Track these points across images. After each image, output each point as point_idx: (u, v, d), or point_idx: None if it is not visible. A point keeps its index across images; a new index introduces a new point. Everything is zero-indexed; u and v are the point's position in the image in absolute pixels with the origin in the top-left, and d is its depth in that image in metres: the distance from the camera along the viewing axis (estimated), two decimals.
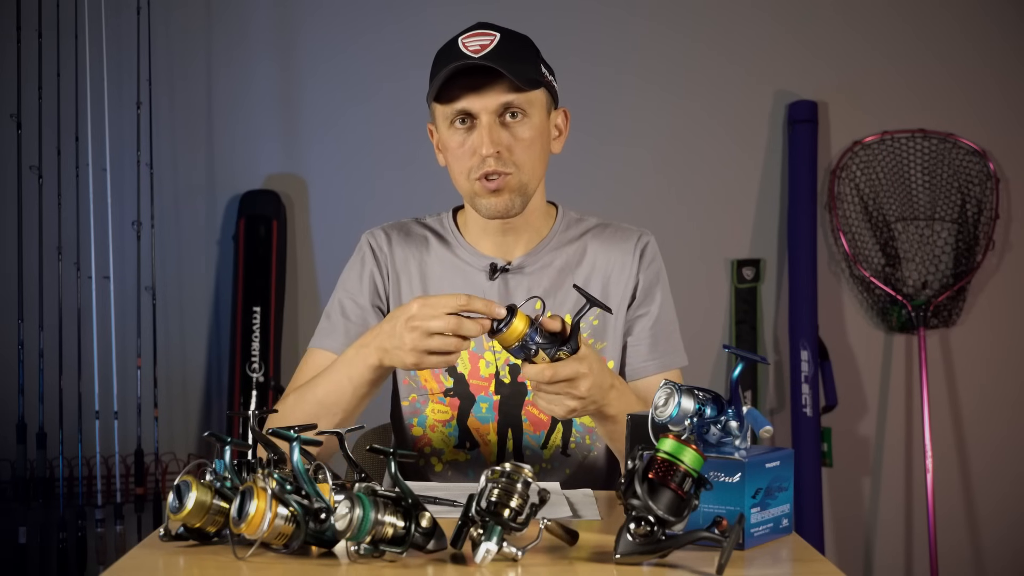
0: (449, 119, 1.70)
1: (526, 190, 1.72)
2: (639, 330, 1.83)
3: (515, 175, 1.70)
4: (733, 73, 3.56)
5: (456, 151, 1.71)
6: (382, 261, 1.83)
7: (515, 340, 1.45)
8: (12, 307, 3.06)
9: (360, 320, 1.80)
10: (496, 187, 1.69)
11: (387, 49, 3.49)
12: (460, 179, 1.73)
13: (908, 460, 3.54)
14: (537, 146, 1.72)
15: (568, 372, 1.48)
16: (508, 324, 1.44)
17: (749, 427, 1.28)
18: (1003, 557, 3.53)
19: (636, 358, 1.83)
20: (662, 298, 1.84)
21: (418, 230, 1.86)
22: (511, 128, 1.69)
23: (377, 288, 1.83)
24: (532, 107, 1.70)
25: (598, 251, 1.83)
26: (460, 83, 1.67)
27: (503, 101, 1.67)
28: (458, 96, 1.67)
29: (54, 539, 3.08)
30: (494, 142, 1.67)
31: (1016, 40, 3.57)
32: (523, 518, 1.18)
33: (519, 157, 1.69)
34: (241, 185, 3.46)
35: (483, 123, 1.67)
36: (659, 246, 1.86)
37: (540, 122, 1.72)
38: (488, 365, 1.78)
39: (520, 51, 1.70)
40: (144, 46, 3.19)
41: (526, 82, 1.67)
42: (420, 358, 1.49)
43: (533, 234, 1.81)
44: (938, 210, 3.52)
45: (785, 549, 1.30)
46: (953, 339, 3.54)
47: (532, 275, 1.80)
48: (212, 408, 3.45)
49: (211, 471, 1.28)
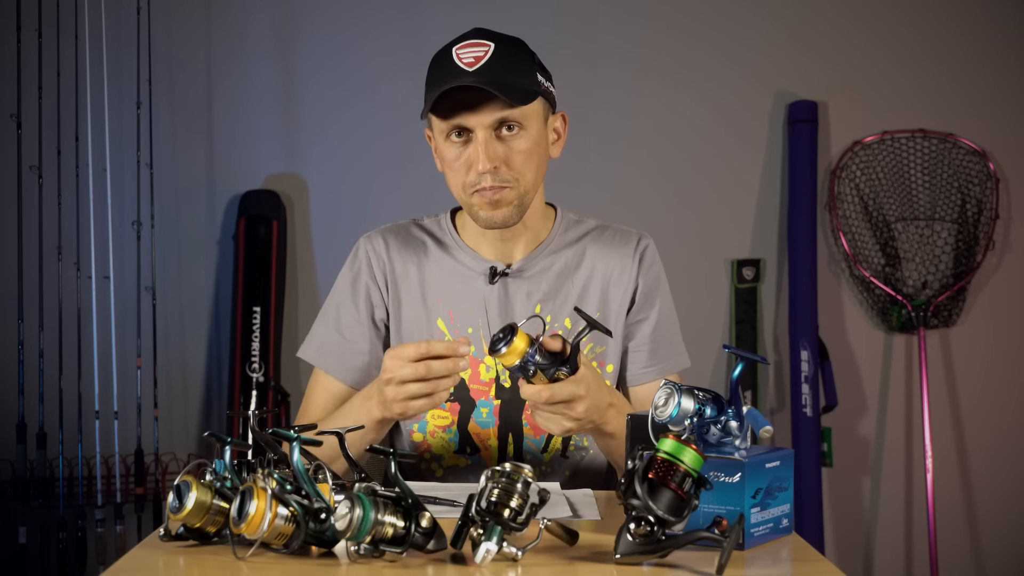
0: (445, 132, 1.69)
1: (524, 200, 1.71)
2: (639, 337, 1.83)
3: (513, 188, 1.68)
4: (733, 73, 3.56)
5: (453, 164, 1.70)
6: (379, 271, 1.82)
7: (515, 359, 1.45)
8: (12, 307, 3.06)
9: (354, 337, 1.81)
10: (494, 200, 1.68)
11: (387, 49, 3.49)
12: (457, 191, 1.72)
13: (908, 460, 3.54)
14: (535, 157, 1.70)
15: (565, 394, 1.49)
16: (508, 343, 1.45)
17: (749, 427, 1.28)
18: (1003, 557, 3.53)
19: (636, 364, 1.83)
20: (662, 302, 1.84)
21: (417, 234, 1.85)
22: (507, 141, 1.67)
23: (373, 303, 1.82)
24: (528, 119, 1.68)
25: (597, 254, 1.82)
26: (454, 99, 1.65)
27: (498, 117, 1.65)
28: (453, 112, 1.66)
29: (54, 539, 3.08)
30: (491, 158, 1.65)
31: (1016, 40, 3.57)
32: (523, 518, 1.18)
33: (517, 170, 1.68)
34: (241, 185, 3.45)
35: (479, 138, 1.65)
36: (659, 246, 1.86)
37: (537, 132, 1.70)
38: (488, 370, 1.78)
39: (515, 63, 1.66)
40: (144, 46, 3.19)
41: (521, 98, 1.64)
42: (404, 407, 1.53)
43: (532, 237, 1.80)
44: (938, 210, 3.52)
45: (785, 549, 1.30)
46: (953, 339, 3.54)
47: (531, 279, 1.79)
48: (212, 408, 3.45)
49: (211, 471, 1.28)
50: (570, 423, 1.53)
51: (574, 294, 1.80)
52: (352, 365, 1.80)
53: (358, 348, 1.81)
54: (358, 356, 1.80)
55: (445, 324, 1.79)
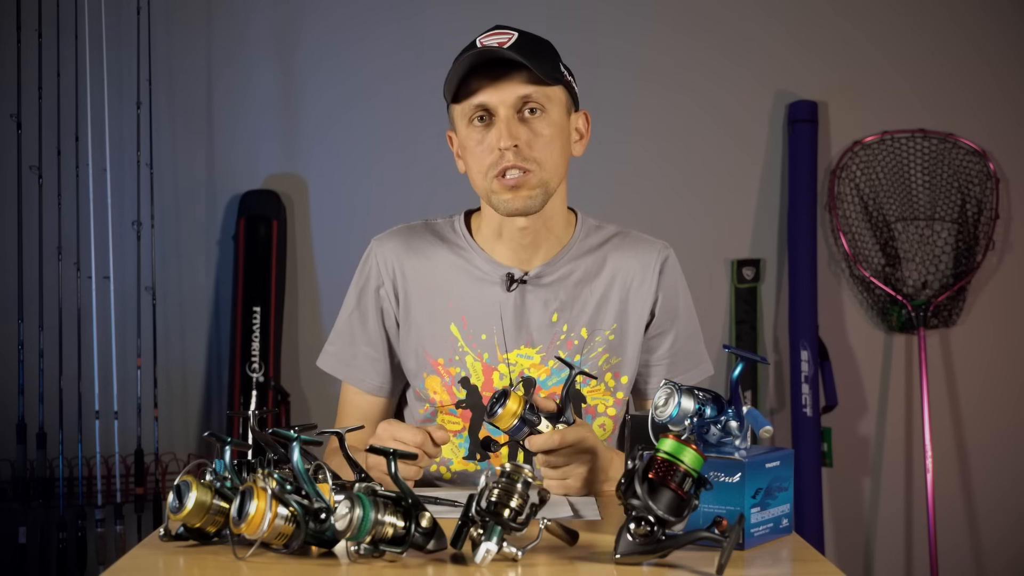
0: (467, 117, 1.68)
1: (547, 187, 1.69)
2: (659, 352, 1.82)
3: (535, 172, 1.67)
4: (733, 73, 3.56)
5: (475, 149, 1.68)
6: (387, 276, 1.81)
7: (511, 421, 1.49)
8: (12, 307, 3.06)
9: (371, 344, 1.82)
10: (515, 183, 1.66)
11: (387, 49, 3.49)
12: (478, 178, 1.70)
13: (908, 460, 3.54)
14: (557, 144, 1.69)
15: (574, 436, 1.53)
16: (502, 406, 1.49)
17: (749, 427, 1.28)
18: (1003, 557, 3.53)
19: (655, 378, 1.83)
20: (683, 314, 1.83)
21: (429, 235, 1.82)
22: (530, 123, 1.66)
23: (384, 312, 1.82)
24: (551, 103, 1.67)
25: (618, 262, 1.80)
26: (477, 77, 1.65)
27: (521, 94, 1.65)
28: (475, 90, 1.66)
29: (54, 539, 3.08)
30: (512, 135, 1.64)
31: (1016, 40, 3.57)
32: (523, 518, 1.18)
33: (539, 153, 1.66)
34: (241, 185, 3.45)
35: (501, 117, 1.65)
36: None
37: (560, 119, 1.69)
38: (502, 377, 1.76)
39: (539, 48, 1.68)
40: (144, 46, 3.19)
41: (545, 74, 1.64)
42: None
43: (554, 242, 1.77)
44: (938, 210, 3.52)
45: (785, 549, 1.30)
46: (953, 339, 3.54)
47: (549, 287, 1.77)
48: (212, 408, 3.45)
49: (211, 471, 1.28)
50: (584, 467, 1.55)
51: (592, 302, 1.78)
52: (375, 371, 1.83)
53: (375, 355, 1.83)
54: (378, 363, 1.83)
55: (458, 329, 1.77)
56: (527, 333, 1.76)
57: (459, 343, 1.76)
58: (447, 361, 1.77)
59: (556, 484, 1.56)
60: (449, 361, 1.77)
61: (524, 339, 1.76)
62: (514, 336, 1.75)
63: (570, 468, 1.55)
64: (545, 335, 1.76)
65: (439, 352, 1.77)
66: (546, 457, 1.54)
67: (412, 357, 1.80)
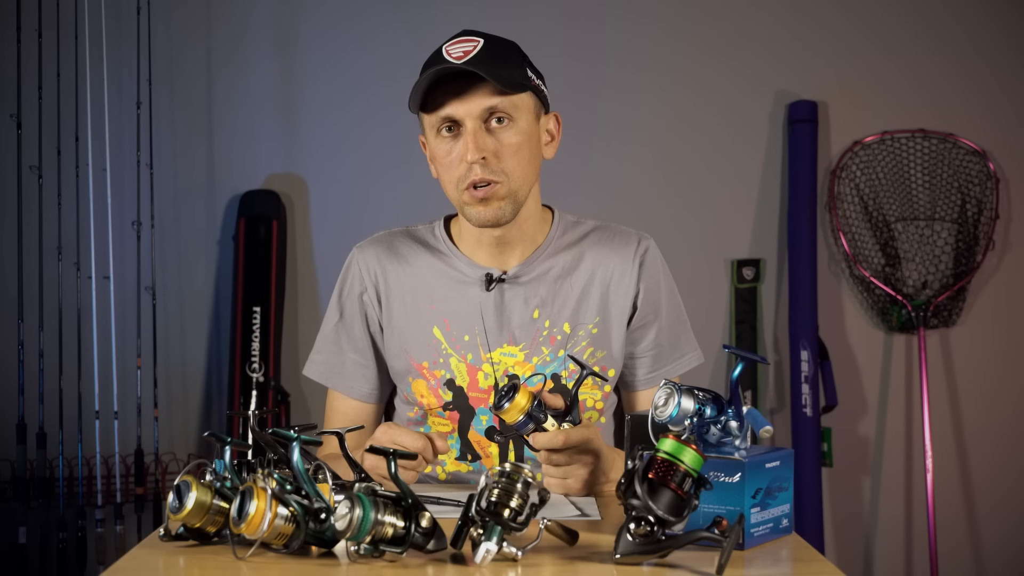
0: (435, 127, 1.68)
1: (516, 197, 1.69)
2: (643, 344, 1.82)
3: (504, 183, 1.67)
4: (733, 73, 3.56)
5: (444, 160, 1.69)
6: (370, 282, 1.82)
7: (518, 416, 1.49)
8: (12, 307, 3.06)
9: (358, 350, 1.83)
10: (484, 196, 1.66)
11: (387, 49, 3.49)
12: (450, 189, 1.71)
13: (908, 460, 3.54)
14: (525, 151, 1.69)
15: (578, 437, 1.52)
16: (511, 400, 1.48)
17: (749, 427, 1.28)
18: (1003, 557, 3.53)
19: (641, 370, 1.83)
20: (666, 305, 1.83)
21: (409, 242, 1.83)
22: (497, 134, 1.66)
23: (368, 318, 1.83)
24: (518, 111, 1.67)
25: (597, 257, 1.80)
26: (443, 90, 1.65)
27: (487, 106, 1.64)
28: (442, 103, 1.66)
29: (54, 539, 3.08)
30: (479, 148, 1.64)
31: (1016, 40, 3.57)
32: (523, 518, 1.18)
33: (507, 164, 1.67)
34: (241, 185, 3.45)
35: (468, 129, 1.65)
36: (659, 246, 1.84)
37: (528, 126, 1.69)
38: (487, 377, 1.77)
39: (504, 56, 1.67)
40: (144, 46, 3.19)
41: (509, 85, 1.64)
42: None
43: (528, 243, 1.78)
44: (938, 210, 3.52)
45: (785, 549, 1.30)
46: (953, 339, 3.54)
47: (528, 284, 1.77)
48: (212, 408, 3.45)
49: (211, 471, 1.28)
50: (585, 469, 1.55)
51: (573, 297, 1.78)
52: (363, 377, 1.84)
53: (363, 361, 1.83)
54: (366, 369, 1.83)
55: (441, 332, 1.78)
56: (509, 331, 1.76)
57: (443, 345, 1.77)
58: (432, 364, 1.78)
59: (556, 483, 1.56)
60: (434, 364, 1.78)
61: (506, 337, 1.76)
62: (496, 335, 1.76)
63: (571, 468, 1.55)
64: (527, 332, 1.76)
65: (423, 356, 1.78)
66: (548, 455, 1.54)
67: (397, 362, 1.81)
